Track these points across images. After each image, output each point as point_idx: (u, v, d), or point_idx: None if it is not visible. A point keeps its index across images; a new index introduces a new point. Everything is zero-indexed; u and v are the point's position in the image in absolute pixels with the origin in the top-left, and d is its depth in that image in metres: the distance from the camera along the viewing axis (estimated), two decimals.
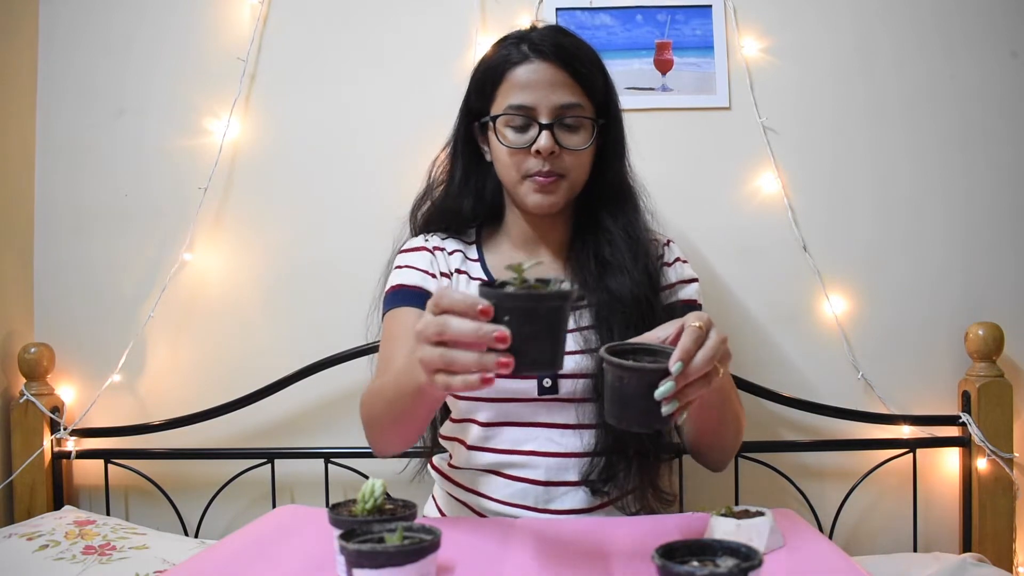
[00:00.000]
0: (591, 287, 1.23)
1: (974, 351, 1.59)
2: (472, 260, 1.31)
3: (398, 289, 1.27)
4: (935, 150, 1.68)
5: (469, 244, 1.34)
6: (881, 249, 1.68)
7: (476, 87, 1.26)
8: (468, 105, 1.29)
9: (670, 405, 0.85)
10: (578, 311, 1.23)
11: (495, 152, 1.24)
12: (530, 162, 1.20)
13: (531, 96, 1.18)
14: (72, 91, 1.71)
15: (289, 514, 1.15)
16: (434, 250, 1.31)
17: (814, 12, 1.69)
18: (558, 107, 1.18)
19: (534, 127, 1.19)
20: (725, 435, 1.21)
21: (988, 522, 1.57)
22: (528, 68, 1.19)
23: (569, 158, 1.20)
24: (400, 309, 1.25)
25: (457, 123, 1.31)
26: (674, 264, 1.32)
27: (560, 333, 0.79)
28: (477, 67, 1.27)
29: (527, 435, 1.22)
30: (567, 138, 1.20)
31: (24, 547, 1.38)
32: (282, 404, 1.66)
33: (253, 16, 1.69)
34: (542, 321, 0.77)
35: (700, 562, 0.68)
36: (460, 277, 1.29)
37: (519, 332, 0.76)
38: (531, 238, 1.31)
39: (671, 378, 0.84)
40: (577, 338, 1.22)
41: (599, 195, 1.27)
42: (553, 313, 0.78)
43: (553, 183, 1.20)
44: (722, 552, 0.69)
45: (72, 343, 1.69)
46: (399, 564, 0.71)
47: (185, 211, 1.68)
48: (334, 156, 1.70)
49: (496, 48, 1.25)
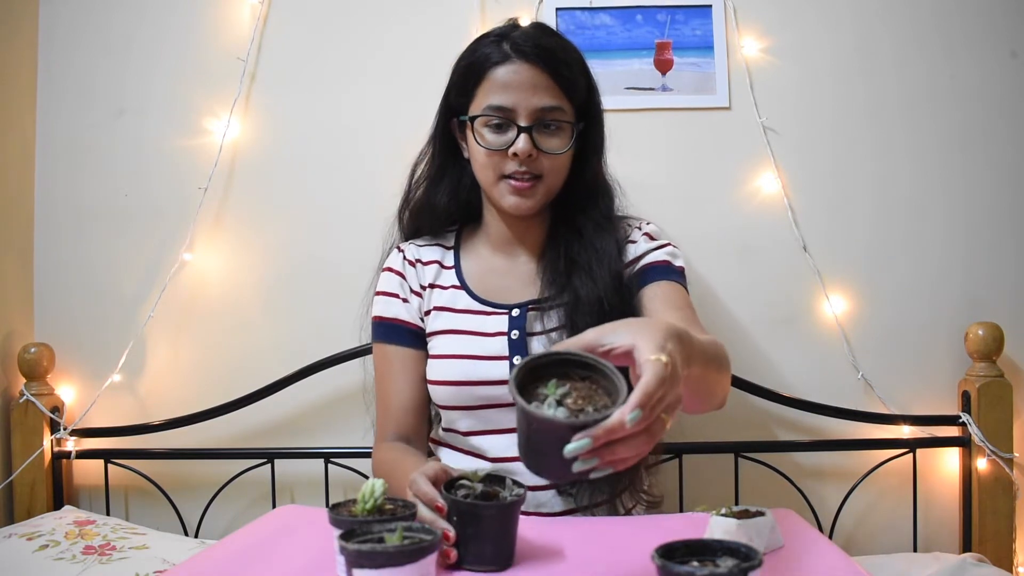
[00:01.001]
0: (559, 287, 1.23)
1: (974, 351, 1.59)
2: (447, 268, 1.32)
3: (379, 321, 1.32)
4: (935, 150, 1.68)
5: (448, 249, 1.34)
6: (881, 249, 1.68)
7: (456, 83, 1.25)
8: (448, 101, 1.28)
9: (586, 462, 0.72)
10: (549, 311, 1.23)
11: (473, 152, 1.24)
12: (507, 164, 1.19)
13: (511, 97, 1.17)
14: (72, 91, 1.71)
15: (289, 514, 1.15)
16: (410, 264, 1.32)
17: (814, 12, 1.69)
18: (538, 110, 1.17)
19: (512, 129, 1.18)
20: (704, 404, 1.07)
21: (988, 522, 1.57)
22: (509, 68, 1.18)
23: (547, 161, 1.19)
24: (384, 347, 1.30)
25: (436, 118, 1.30)
26: (639, 241, 1.28)
27: (505, 538, 0.87)
28: (458, 62, 1.25)
29: (510, 442, 1.17)
30: (546, 141, 1.19)
31: (24, 547, 1.38)
32: (282, 404, 1.66)
33: (253, 16, 1.69)
34: (485, 526, 0.85)
35: (700, 562, 0.68)
36: (432, 291, 1.30)
37: (463, 532, 0.85)
38: (508, 239, 1.31)
39: (586, 434, 0.71)
40: (546, 341, 1.21)
41: (576, 196, 1.27)
42: (494, 520, 0.85)
43: (530, 186, 1.19)
44: (722, 552, 0.69)
45: (72, 343, 1.69)
46: (399, 564, 0.71)
47: (185, 211, 1.68)
48: (334, 156, 1.70)
49: (477, 44, 1.23)
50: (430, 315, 1.29)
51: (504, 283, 1.29)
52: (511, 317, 1.24)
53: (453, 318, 1.27)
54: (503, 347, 1.22)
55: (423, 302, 1.31)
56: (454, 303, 1.29)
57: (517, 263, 1.30)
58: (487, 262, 1.31)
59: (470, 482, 0.89)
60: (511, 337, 1.22)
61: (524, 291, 1.27)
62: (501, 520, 0.85)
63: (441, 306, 1.29)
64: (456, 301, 1.29)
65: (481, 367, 1.21)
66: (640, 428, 0.72)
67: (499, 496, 0.87)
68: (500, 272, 1.30)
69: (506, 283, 1.29)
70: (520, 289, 1.27)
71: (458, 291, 1.29)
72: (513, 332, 1.23)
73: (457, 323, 1.26)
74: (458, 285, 1.30)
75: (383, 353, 1.31)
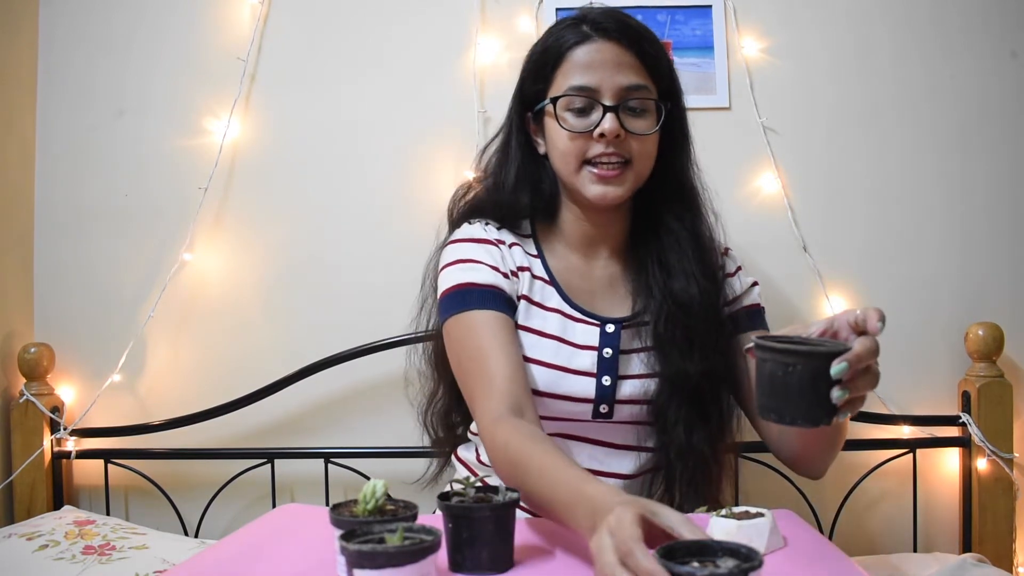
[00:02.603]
0: (654, 295, 1.15)
1: (974, 351, 1.59)
2: (532, 255, 1.21)
3: (468, 288, 1.14)
4: (935, 150, 1.68)
5: (526, 238, 1.23)
6: (881, 249, 1.68)
7: (531, 72, 1.17)
8: (522, 93, 1.20)
9: (842, 391, 0.80)
10: (640, 328, 1.17)
11: (552, 139, 1.15)
12: (592, 147, 1.11)
13: (594, 77, 1.10)
14: (72, 91, 1.71)
15: (289, 514, 1.15)
16: (497, 243, 1.19)
17: (814, 12, 1.69)
18: (623, 88, 1.10)
19: (597, 110, 1.10)
20: (833, 450, 1.12)
21: (988, 522, 1.57)
22: (590, 47, 1.11)
23: (635, 144, 1.11)
24: (474, 314, 1.12)
25: (509, 113, 1.23)
26: (736, 274, 1.25)
27: (502, 541, 0.85)
28: (531, 52, 1.19)
29: (571, 449, 1.16)
30: (632, 122, 1.11)
31: (24, 547, 1.38)
32: (282, 404, 1.65)
33: (253, 16, 1.69)
34: (478, 528, 0.83)
35: (700, 563, 0.68)
36: (524, 275, 1.18)
37: (457, 537, 0.83)
38: (588, 237, 1.21)
39: (845, 358, 0.79)
40: (635, 360, 1.16)
41: (662, 192, 1.19)
42: (488, 522, 0.84)
43: (618, 173, 1.11)
44: (722, 552, 0.69)
45: (72, 343, 1.69)
46: (399, 564, 0.71)
47: (185, 211, 1.68)
48: (334, 156, 1.70)
49: (552, 30, 1.17)
50: (519, 302, 1.17)
51: (587, 285, 1.20)
52: (604, 333, 1.16)
53: (542, 316, 1.17)
54: (592, 363, 1.14)
55: (517, 283, 1.17)
56: (544, 298, 1.18)
57: (595, 264, 1.22)
58: (566, 260, 1.22)
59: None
60: (603, 355, 1.15)
61: (611, 300, 1.20)
62: (495, 522, 0.84)
63: (531, 298, 1.17)
64: (545, 297, 1.18)
65: (566, 380, 1.14)
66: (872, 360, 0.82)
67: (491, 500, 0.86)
68: (580, 272, 1.21)
69: (588, 286, 1.20)
70: (606, 297, 1.20)
71: (547, 285, 1.19)
72: (606, 350, 1.15)
73: (546, 324, 1.16)
74: (547, 279, 1.19)
75: (473, 322, 1.11)
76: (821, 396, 0.80)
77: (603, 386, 1.15)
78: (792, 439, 1.13)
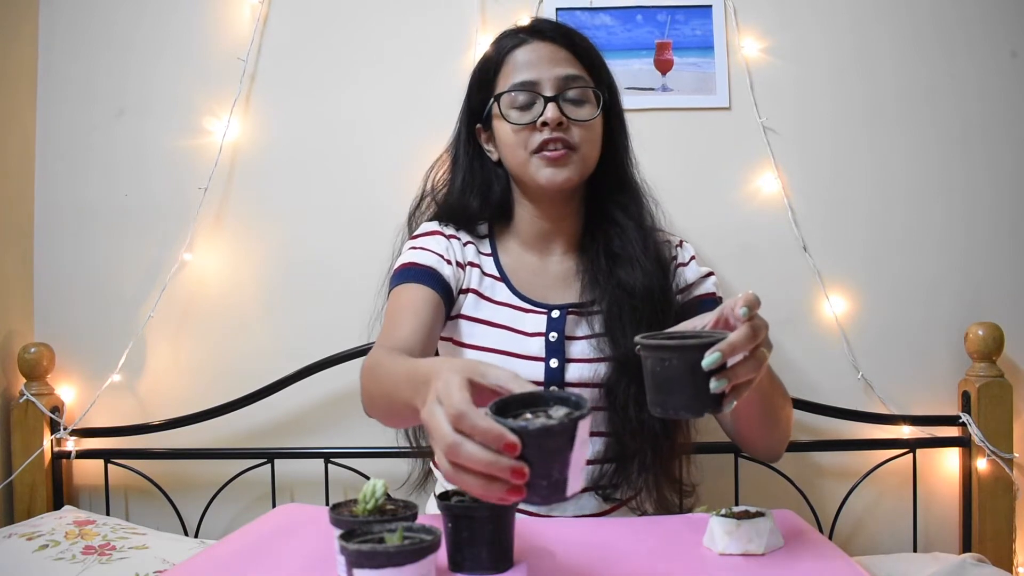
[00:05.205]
0: (600, 282, 1.21)
1: (974, 351, 1.59)
2: (485, 254, 1.29)
3: (409, 267, 1.22)
4: (935, 150, 1.68)
5: (481, 239, 1.31)
6: (881, 249, 1.68)
7: (476, 83, 1.27)
8: (469, 104, 1.29)
9: (719, 382, 0.82)
10: (591, 315, 1.21)
11: (501, 137, 1.22)
12: (538, 137, 1.18)
13: (533, 72, 1.19)
14: (72, 91, 1.71)
15: (289, 514, 1.15)
16: (449, 237, 1.28)
17: (814, 12, 1.69)
18: (561, 79, 1.18)
19: (539, 102, 1.18)
20: (771, 428, 1.16)
21: (988, 522, 1.57)
22: (527, 48, 1.20)
23: (578, 131, 1.19)
24: (408, 285, 1.20)
25: (458, 126, 1.31)
26: (690, 263, 1.30)
27: (502, 540, 0.84)
28: (476, 66, 1.28)
29: None
30: (573, 111, 1.18)
31: (24, 547, 1.38)
32: (282, 404, 1.66)
33: (253, 16, 1.69)
34: (478, 528, 0.82)
35: (533, 413, 0.70)
36: (473, 271, 1.26)
37: (457, 537, 0.83)
38: (543, 234, 1.28)
39: (716, 348, 0.81)
40: (584, 345, 1.20)
41: (607, 187, 1.26)
42: (487, 522, 0.82)
43: (564, 155, 1.17)
44: (553, 402, 0.71)
45: (72, 343, 1.69)
46: (399, 564, 0.71)
47: (185, 211, 1.68)
48: (334, 156, 1.70)
49: (491, 45, 1.26)
50: (466, 296, 1.25)
51: (540, 280, 1.27)
52: (550, 318, 1.22)
53: (492, 309, 1.24)
54: (540, 348, 1.20)
55: (464, 277, 1.25)
56: (493, 293, 1.25)
57: (550, 260, 1.28)
58: (520, 258, 1.29)
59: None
60: (549, 339, 1.20)
61: (563, 291, 1.25)
62: (495, 522, 0.84)
63: (480, 292, 1.25)
64: (495, 292, 1.26)
65: (515, 365, 1.19)
66: (751, 347, 0.83)
67: None
68: (534, 269, 1.28)
69: (542, 281, 1.27)
70: (558, 289, 1.26)
71: (497, 282, 1.26)
72: (552, 334, 1.21)
73: (496, 316, 1.23)
74: (497, 276, 1.26)
75: (401, 293, 1.20)
76: (700, 387, 0.82)
77: (551, 369, 1.19)
78: (728, 422, 1.20)
